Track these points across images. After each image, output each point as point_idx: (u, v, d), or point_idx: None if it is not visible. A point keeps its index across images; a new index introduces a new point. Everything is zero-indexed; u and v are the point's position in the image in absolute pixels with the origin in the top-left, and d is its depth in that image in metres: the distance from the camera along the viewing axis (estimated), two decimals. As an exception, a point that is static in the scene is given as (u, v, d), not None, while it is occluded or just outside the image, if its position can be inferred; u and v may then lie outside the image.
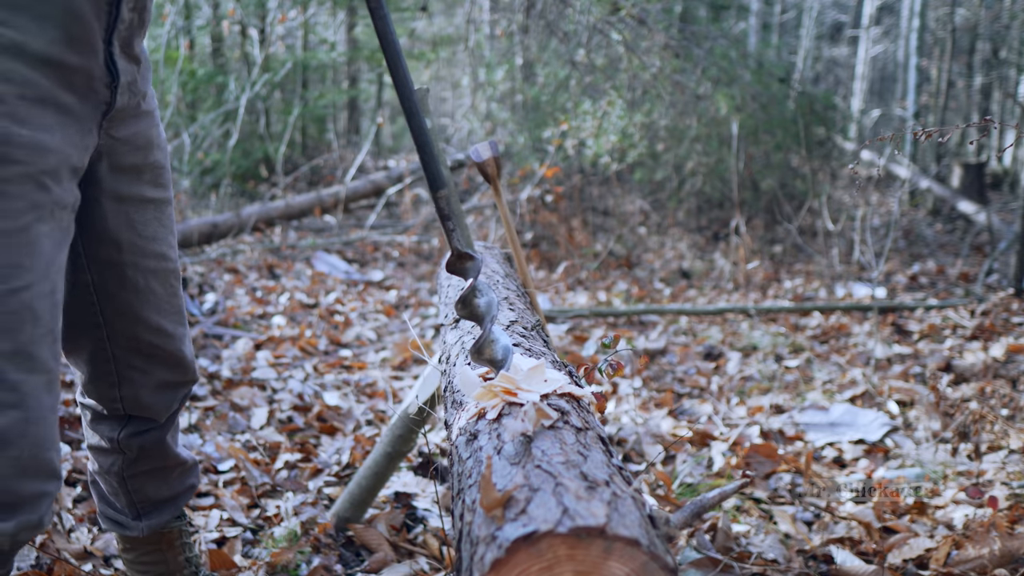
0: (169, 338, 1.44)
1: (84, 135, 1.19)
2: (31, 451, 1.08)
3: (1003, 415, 2.97)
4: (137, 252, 1.35)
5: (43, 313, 1.10)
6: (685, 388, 3.71)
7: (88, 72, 1.16)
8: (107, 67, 1.19)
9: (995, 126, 1.61)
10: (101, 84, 1.19)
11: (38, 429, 1.09)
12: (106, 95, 1.21)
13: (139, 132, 1.31)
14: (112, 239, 1.33)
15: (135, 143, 1.31)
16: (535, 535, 0.68)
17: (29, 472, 1.08)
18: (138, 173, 1.33)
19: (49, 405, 1.11)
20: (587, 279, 6.30)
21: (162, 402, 1.48)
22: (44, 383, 1.10)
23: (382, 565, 1.99)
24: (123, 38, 1.21)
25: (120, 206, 1.32)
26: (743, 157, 7.21)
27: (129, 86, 1.25)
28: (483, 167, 1.91)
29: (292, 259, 6.30)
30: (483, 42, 8.83)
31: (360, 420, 3.07)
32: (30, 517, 1.10)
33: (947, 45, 12.27)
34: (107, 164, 1.28)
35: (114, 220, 1.32)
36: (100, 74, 1.18)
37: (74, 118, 1.16)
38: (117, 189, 1.31)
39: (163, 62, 7.68)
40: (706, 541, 2.05)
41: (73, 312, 1.36)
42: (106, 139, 1.26)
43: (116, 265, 1.34)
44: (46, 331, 1.11)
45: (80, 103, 1.17)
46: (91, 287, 1.35)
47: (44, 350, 1.10)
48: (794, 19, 18.53)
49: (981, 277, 5.80)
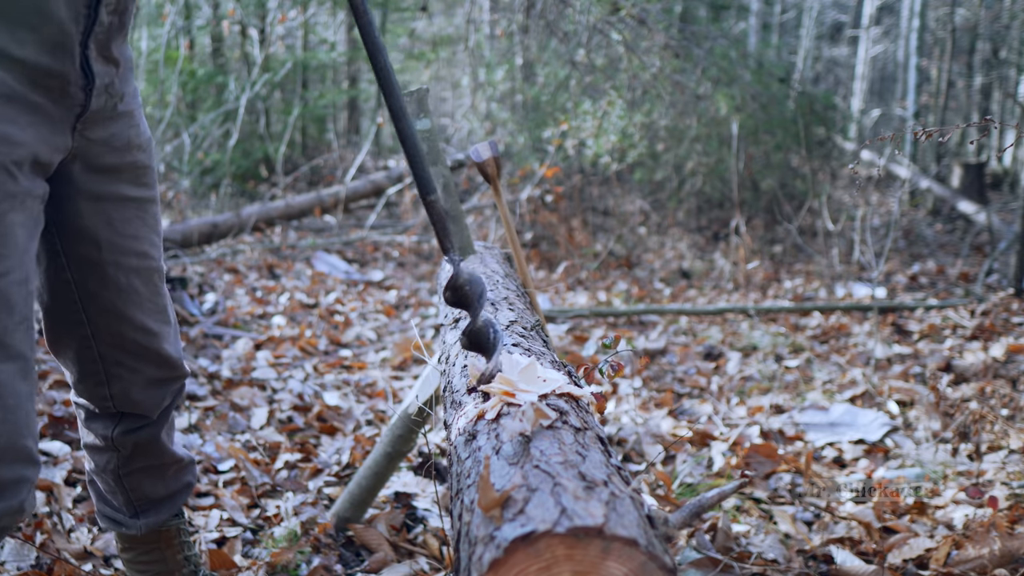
0: (154, 337, 1.44)
1: (55, 134, 1.19)
2: (7, 438, 1.10)
3: (1003, 415, 2.97)
4: (117, 251, 1.36)
5: (17, 301, 1.11)
6: (685, 388, 3.71)
7: (62, 75, 1.16)
8: (82, 70, 1.19)
9: (995, 126, 1.61)
10: (76, 87, 1.19)
11: (14, 416, 1.10)
12: (81, 97, 1.21)
13: (117, 133, 1.31)
14: (90, 238, 1.33)
15: (112, 144, 1.31)
16: (533, 535, 0.68)
17: (7, 458, 1.10)
18: (117, 173, 1.33)
19: (24, 392, 1.12)
20: (587, 279, 6.30)
21: (153, 398, 1.49)
22: (18, 370, 1.11)
23: (382, 565, 1.99)
24: (100, 41, 1.21)
25: (98, 205, 1.32)
26: (743, 157, 7.21)
27: (106, 88, 1.25)
28: (483, 167, 1.91)
29: (292, 259, 6.30)
30: (483, 42, 8.83)
31: (360, 420, 3.07)
32: (10, 503, 1.11)
33: (947, 45, 12.27)
34: (81, 165, 1.28)
35: (91, 219, 1.32)
36: (75, 77, 1.18)
37: (45, 117, 1.16)
38: (93, 189, 1.31)
39: (163, 62, 7.68)
40: (706, 541, 2.05)
41: (57, 311, 1.37)
42: (81, 141, 1.26)
43: (96, 264, 1.35)
44: (20, 319, 1.12)
45: (53, 104, 1.17)
46: (72, 284, 1.36)
47: (18, 338, 1.11)
48: (794, 19, 18.53)
49: (981, 277, 5.80)
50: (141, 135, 1.37)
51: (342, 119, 12.51)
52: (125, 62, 1.31)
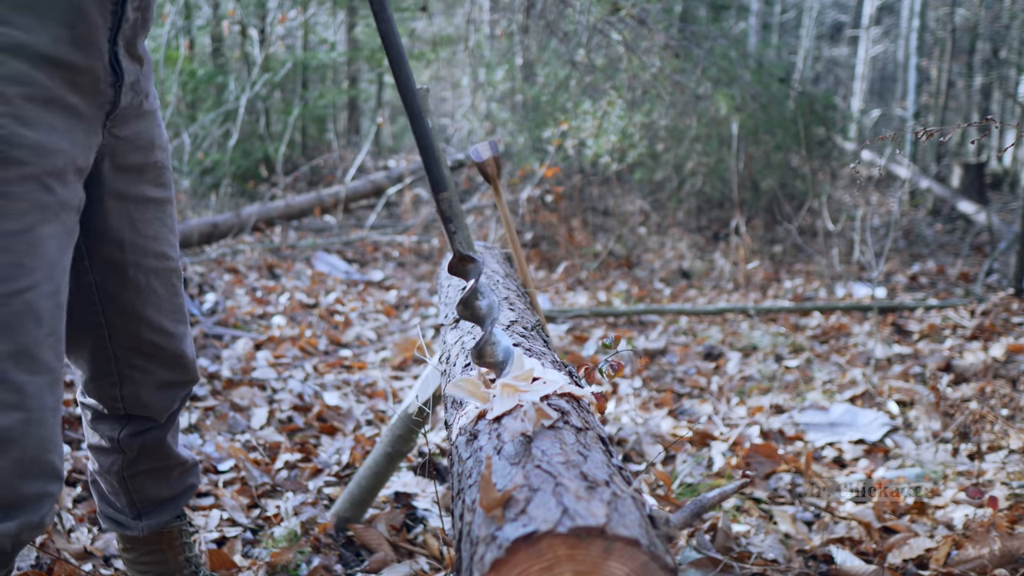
0: (170, 337, 1.44)
1: (90, 135, 1.19)
2: (33, 452, 1.08)
3: (1003, 415, 2.97)
4: (139, 252, 1.36)
5: (46, 314, 1.10)
6: (685, 388, 3.71)
7: (93, 72, 1.16)
8: (112, 67, 1.19)
9: (996, 125, 1.61)
10: (106, 84, 1.19)
11: (40, 430, 1.08)
12: (110, 95, 1.21)
13: (141, 131, 1.32)
14: (114, 239, 1.33)
15: (137, 142, 1.31)
16: (535, 535, 0.68)
17: (31, 473, 1.08)
18: (140, 172, 1.34)
19: (51, 406, 1.11)
20: (587, 279, 6.30)
21: (163, 401, 1.48)
22: (46, 384, 1.10)
23: (382, 565, 1.99)
24: (127, 38, 1.21)
25: (122, 205, 1.32)
26: (743, 157, 7.21)
27: (132, 86, 1.26)
28: (483, 167, 1.91)
29: (292, 259, 6.30)
30: (483, 42, 8.83)
31: (360, 420, 3.07)
32: (31, 518, 1.10)
33: (947, 45, 12.27)
34: (110, 163, 1.28)
35: (116, 219, 1.32)
36: (105, 74, 1.19)
37: (80, 118, 1.16)
38: (119, 188, 1.31)
39: (163, 62, 7.68)
40: (706, 541, 2.05)
41: (75, 312, 1.36)
42: (109, 138, 1.26)
43: (118, 265, 1.34)
44: (49, 332, 1.11)
45: (85, 103, 1.17)
46: (93, 287, 1.35)
47: (47, 351, 1.10)
48: (794, 19, 18.53)
49: (981, 277, 5.80)
50: (162, 135, 1.38)
51: (342, 119, 12.51)
52: (147, 60, 1.31)
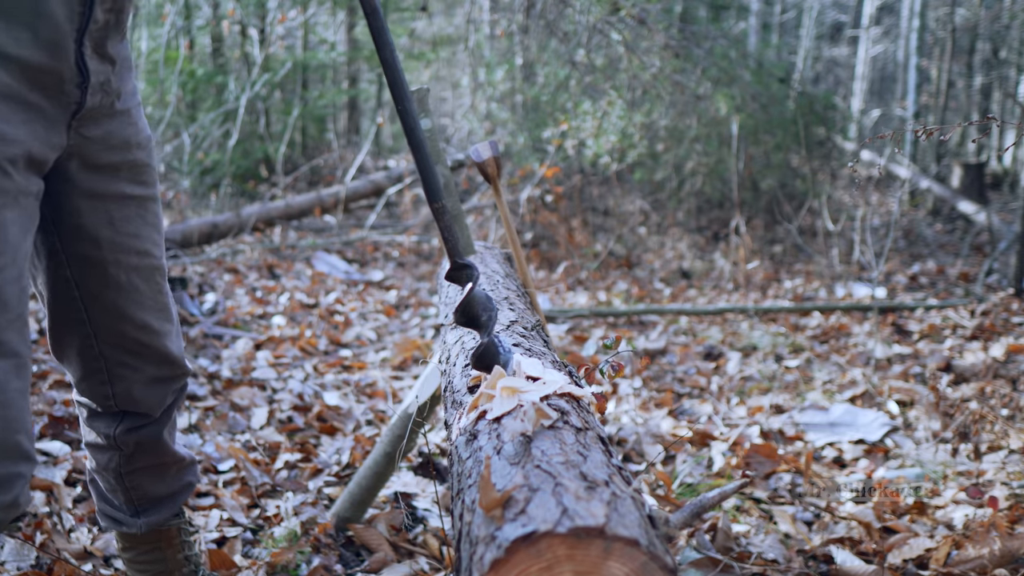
0: (156, 335, 1.45)
1: (51, 132, 1.19)
2: (1, 434, 1.10)
3: (1003, 415, 2.97)
4: (118, 249, 1.36)
5: (11, 298, 1.12)
6: (685, 388, 3.71)
7: (57, 72, 1.17)
8: (78, 67, 1.20)
9: (996, 124, 1.61)
10: (71, 84, 1.20)
11: (7, 412, 1.10)
12: (76, 95, 1.21)
13: (114, 131, 1.32)
14: (90, 236, 1.33)
15: (110, 142, 1.31)
16: (534, 535, 0.68)
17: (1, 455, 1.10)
18: (115, 171, 1.34)
19: (18, 388, 1.13)
20: (587, 279, 6.30)
21: (155, 397, 1.49)
22: (12, 367, 1.12)
23: (382, 565, 1.99)
24: (96, 39, 1.22)
25: (98, 204, 1.33)
26: (743, 157, 7.21)
27: (102, 86, 1.26)
28: (483, 167, 1.91)
29: (292, 259, 6.30)
30: (483, 42, 8.83)
31: (360, 420, 3.07)
32: (4, 497, 1.12)
33: (947, 45, 12.27)
34: (79, 163, 1.29)
35: (90, 217, 1.32)
36: (71, 74, 1.19)
37: (40, 115, 1.17)
38: (93, 187, 1.31)
39: (163, 62, 7.67)
40: (706, 541, 2.05)
41: (58, 310, 1.38)
42: (77, 138, 1.26)
43: (97, 262, 1.35)
44: (15, 316, 1.13)
45: (48, 102, 1.17)
46: (72, 283, 1.36)
47: (13, 335, 1.12)
48: (794, 19, 18.53)
49: (981, 277, 5.80)
50: (140, 133, 1.37)
51: (342, 119, 12.50)
52: (122, 60, 1.31)
